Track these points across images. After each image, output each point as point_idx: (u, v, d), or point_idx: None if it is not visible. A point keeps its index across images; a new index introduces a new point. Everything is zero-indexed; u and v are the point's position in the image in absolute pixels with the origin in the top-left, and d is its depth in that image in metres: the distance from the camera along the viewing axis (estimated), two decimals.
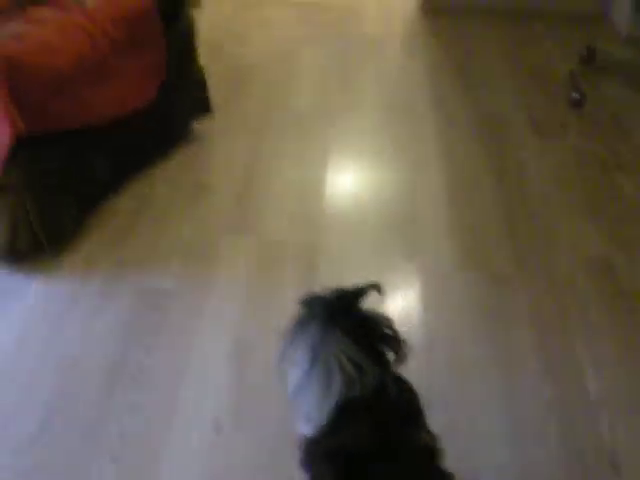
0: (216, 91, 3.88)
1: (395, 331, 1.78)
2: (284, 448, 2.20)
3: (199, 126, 3.76)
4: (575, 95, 3.97)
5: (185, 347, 2.55)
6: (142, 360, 2.50)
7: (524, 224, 3.11)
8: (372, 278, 2.77)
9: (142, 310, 2.70)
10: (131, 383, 2.43)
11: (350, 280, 2.76)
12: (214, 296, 2.77)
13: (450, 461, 2.16)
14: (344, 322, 1.71)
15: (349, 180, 3.44)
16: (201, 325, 2.64)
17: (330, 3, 5.41)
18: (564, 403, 2.34)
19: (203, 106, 3.71)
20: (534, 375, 2.43)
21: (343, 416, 1.67)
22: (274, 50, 4.68)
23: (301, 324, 1.78)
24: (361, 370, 1.66)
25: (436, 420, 2.23)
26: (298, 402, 1.77)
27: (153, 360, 2.51)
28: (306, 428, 1.76)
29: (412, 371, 1.84)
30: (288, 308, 2.68)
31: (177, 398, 2.38)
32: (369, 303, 1.78)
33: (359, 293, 1.77)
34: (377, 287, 1.79)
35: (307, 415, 1.75)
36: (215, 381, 2.43)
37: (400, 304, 2.72)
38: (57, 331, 2.63)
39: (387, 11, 5.32)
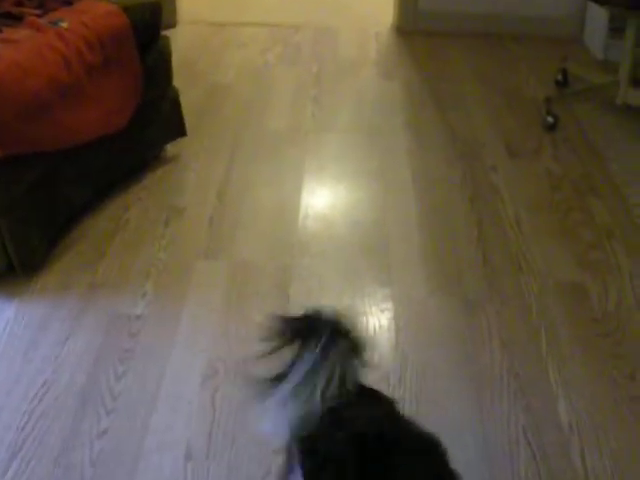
0: (190, 112, 3.88)
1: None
2: (255, 476, 2.19)
3: (172, 148, 3.76)
4: (549, 119, 3.99)
5: (156, 373, 2.54)
6: (113, 385, 2.49)
7: (496, 248, 3.11)
8: (345, 302, 2.81)
9: (113, 335, 2.69)
10: (102, 409, 2.41)
11: (321, 304, 2.77)
12: (186, 321, 2.75)
13: None
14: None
15: (323, 203, 3.44)
16: (173, 350, 2.62)
17: (305, 23, 5.43)
18: (536, 428, 2.34)
19: (177, 128, 3.70)
20: (506, 399, 2.43)
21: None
22: (248, 71, 4.69)
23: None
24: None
25: None
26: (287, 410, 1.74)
27: (124, 385, 2.49)
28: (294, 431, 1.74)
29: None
30: (260, 332, 2.69)
31: (148, 424, 2.36)
32: None
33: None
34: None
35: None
36: (187, 407, 2.42)
37: (372, 328, 2.72)
38: (28, 355, 2.61)
39: (362, 32, 5.34)
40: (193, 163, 3.71)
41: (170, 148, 3.76)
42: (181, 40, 4.95)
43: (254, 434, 2.31)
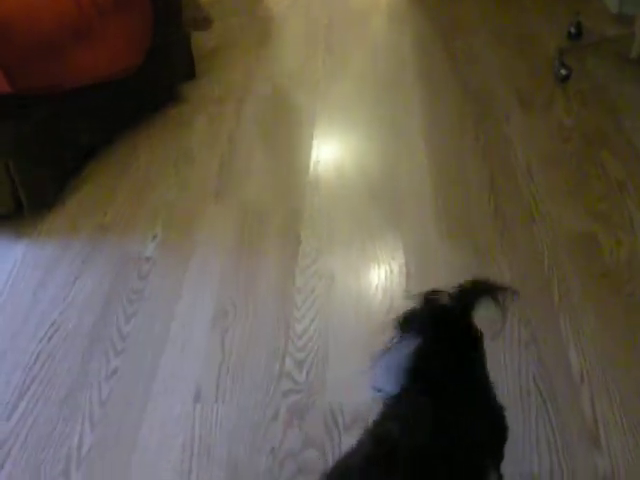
0: (200, 57, 3.86)
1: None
2: (263, 418, 2.19)
3: (183, 91, 3.74)
4: (562, 71, 3.95)
5: (166, 315, 2.54)
6: (122, 327, 2.49)
7: (508, 199, 3.09)
8: (355, 247, 2.79)
9: (123, 276, 2.68)
10: (111, 350, 2.41)
11: (332, 248, 2.77)
12: (196, 263, 2.75)
13: None
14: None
15: (333, 150, 3.41)
16: (182, 292, 2.62)
17: None
18: (547, 376, 2.33)
19: (187, 71, 3.69)
20: (517, 349, 2.42)
21: None
22: (259, 17, 4.65)
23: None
24: None
25: None
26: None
27: (133, 327, 2.49)
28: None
29: None
30: (270, 276, 2.69)
31: (157, 366, 2.36)
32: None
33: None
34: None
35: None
36: (196, 349, 2.41)
37: (382, 273, 2.70)
38: (37, 296, 2.61)
39: None
40: (203, 107, 3.68)
41: (181, 91, 3.74)
42: None
43: (263, 376, 2.31)
